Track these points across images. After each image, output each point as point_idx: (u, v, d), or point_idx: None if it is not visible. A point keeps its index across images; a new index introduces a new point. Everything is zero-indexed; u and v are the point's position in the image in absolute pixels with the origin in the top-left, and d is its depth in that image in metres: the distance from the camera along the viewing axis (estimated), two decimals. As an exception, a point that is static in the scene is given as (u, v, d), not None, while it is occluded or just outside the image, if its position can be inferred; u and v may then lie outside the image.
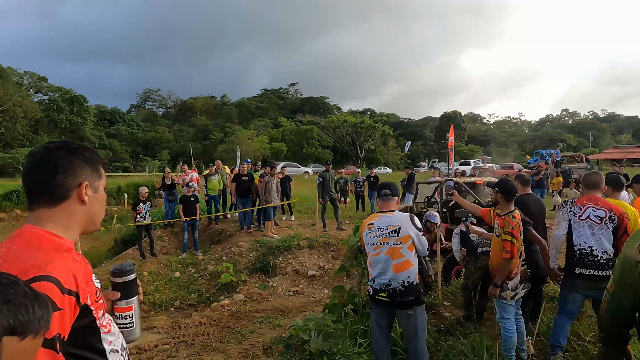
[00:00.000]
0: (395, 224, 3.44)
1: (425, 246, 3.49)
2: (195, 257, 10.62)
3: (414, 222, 3.47)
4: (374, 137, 40.55)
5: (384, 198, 3.62)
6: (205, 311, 8.25)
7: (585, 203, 3.90)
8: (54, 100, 53.52)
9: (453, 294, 6.31)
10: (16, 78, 52.50)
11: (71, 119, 54.35)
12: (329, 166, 11.14)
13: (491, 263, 4.17)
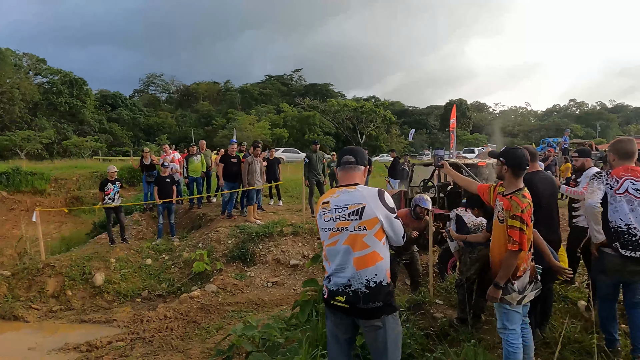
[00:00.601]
0: (358, 203, 2.48)
1: (399, 233, 2.54)
2: (170, 243, 9.77)
3: (383, 200, 2.51)
4: (375, 123, 39.19)
5: (345, 167, 2.65)
6: (173, 303, 7.44)
7: (622, 175, 3.16)
8: (53, 83, 52.67)
9: (447, 291, 5.42)
10: (15, 60, 51.66)
11: (70, 102, 53.50)
12: (316, 146, 10.20)
13: (492, 256, 3.22)
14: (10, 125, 48.51)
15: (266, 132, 45.61)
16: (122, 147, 55.15)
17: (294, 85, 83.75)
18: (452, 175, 3.58)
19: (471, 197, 4.18)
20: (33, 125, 48.86)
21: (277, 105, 61.46)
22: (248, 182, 9.64)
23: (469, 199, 4.30)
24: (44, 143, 43.64)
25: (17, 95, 47.53)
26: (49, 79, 54.88)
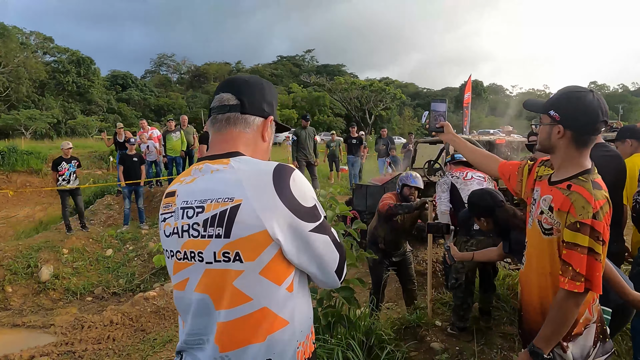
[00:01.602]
0: (225, 197, 1.09)
1: (329, 264, 1.15)
2: (138, 231, 8.57)
3: (285, 190, 1.08)
4: (384, 102, 37.23)
5: (217, 117, 1.26)
6: (124, 305, 6.22)
7: None
8: (61, 62, 51.84)
9: (451, 307, 4.11)
10: (22, 38, 50.84)
11: (78, 82, 52.76)
12: (306, 122, 8.79)
13: (526, 295, 1.76)
14: (17, 104, 47.92)
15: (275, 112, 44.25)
16: (130, 127, 54.41)
17: (305, 66, 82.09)
18: (456, 144, 2.18)
19: (477, 199, 2.84)
20: (40, 105, 48.28)
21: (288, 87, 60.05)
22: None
23: (472, 203, 2.88)
24: (51, 123, 43.08)
25: (24, 74, 46.83)
26: (57, 57, 54.07)
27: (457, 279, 3.68)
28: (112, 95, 59.25)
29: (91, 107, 53.27)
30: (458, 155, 4.35)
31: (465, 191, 3.87)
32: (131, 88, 64.80)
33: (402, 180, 4.53)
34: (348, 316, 3.48)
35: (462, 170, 4.18)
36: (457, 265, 3.67)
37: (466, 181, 4.05)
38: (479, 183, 3.98)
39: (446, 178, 4.27)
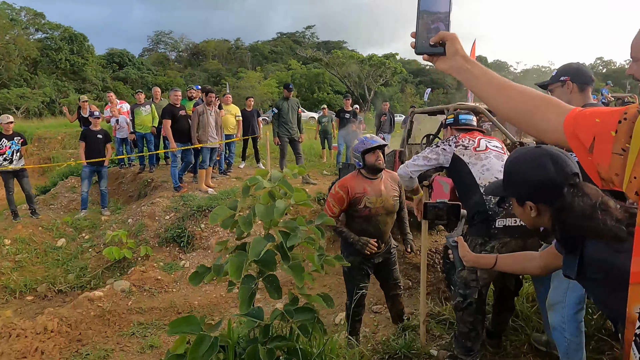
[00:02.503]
0: None
1: None
2: (98, 217, 7.56)
3: None
4: (384, 77, 35.60)
5: None
6: (65, 307, 5.24)
7: None
8: (52, 39, 50.43)
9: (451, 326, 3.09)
10: (12, 14, 49.34)
11: (71, 59, 51.45)
12: (289, 92, 7.65)
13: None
14: (8, 82, 46.73)
15: (273, 91, 43.02)
16: (125, 106, 53.25)
17: (306, 43, 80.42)
18: (471, 78, 1.06)
19: (527, 166, 1.40)
20: (32, 83, 47.18)
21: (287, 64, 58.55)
22: (198, 139, 7.26)
23: (513, 174, 1.46)
24: (43, 101, 42.12)
25: (14, 51, 45.51)
26: (49, 34, 52.62)
27: (465, 297, 2.64)
28: (109, 74, 58.03)
29: (85, 85, 52.07)
30: (465, 116, 3.07)
31: (479, 167, 2.67)
32: (128, 66, 63.53)
33: (359, 148, 3.28)
34: (306, 350, 2.49)
35: (471, 136, 2.90)
36: (467, 276, 2.63)
37: (479, 153, 2.76)
38: (498, 156, 2.78)
39: (446, 146, 2.87)
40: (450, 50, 1.10)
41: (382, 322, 4.58)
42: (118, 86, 56.57)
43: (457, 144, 2.84)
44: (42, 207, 8.21)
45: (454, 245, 2.02)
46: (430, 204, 2.11)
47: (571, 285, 2.42)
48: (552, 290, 2.52)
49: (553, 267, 1.61)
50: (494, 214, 2.55)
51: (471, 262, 1.94)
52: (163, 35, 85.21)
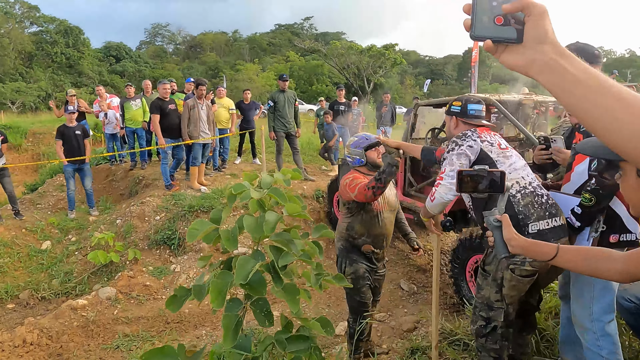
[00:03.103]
0: None
1: None
2: (86, 217, 7.21)
3: None
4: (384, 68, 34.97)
5: None
6: (46, 317, 4.89)
7: None
8: (47, 32, 49.85)
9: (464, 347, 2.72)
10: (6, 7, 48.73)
11: (67, 53, 50.92)
12: (284, 83, 7.26)
13: None
14: (4, 77, 46.22)
15: (271, 83, 42.54)
16: (123, 100, 52.77)
17: (304, 34, 79.85)
18: (572, 73, 0.65)
19: None
20: (28, 77, 46.72)
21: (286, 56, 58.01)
22: (189, 134, 6.89)
23: None
24: (40, 96, 41.75)
25: (9, 45, 44.97)
26: (44, 27, 52.00)
27: (488, 321, 2.27)
28: (105, 68, 57.52)
29: (82, 79, 51.58)
30: (475, 106, 2.59)
31: (507, 167, 2.30)
32: (125, 60, 63.08)
33: (360, 144, 3.06)
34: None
35: (488, 132, 2.50)
36: (490, 296, 2.27)
37: (504, 151, 2.41)
38: (519, 155, 2.46)
39: (470, 141, 2.40)
40: (532, 34, 0.68)
41: (385, 332, 4.25)
42: (115, 80, 56.12)
43: (482, 139, 2.42)
44: (28, 207, 7.86)
45: (497, 225, 1.52)
46: (467, 171, 1.59)
47: (595, 294, 2.09)
48: (574, 301, 2.18)
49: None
50: (525, 217, 2.20)
51: (520, 249, 1.46)
52: (160, 27, 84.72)
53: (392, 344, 4.01)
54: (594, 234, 2.13)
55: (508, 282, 2.21)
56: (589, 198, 2.08)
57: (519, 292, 2.24)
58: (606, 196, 2.07)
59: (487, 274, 2.32)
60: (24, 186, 10.48)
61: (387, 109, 10.67)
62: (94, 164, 9.80)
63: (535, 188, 2.29)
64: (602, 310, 2.10)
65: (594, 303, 2.11)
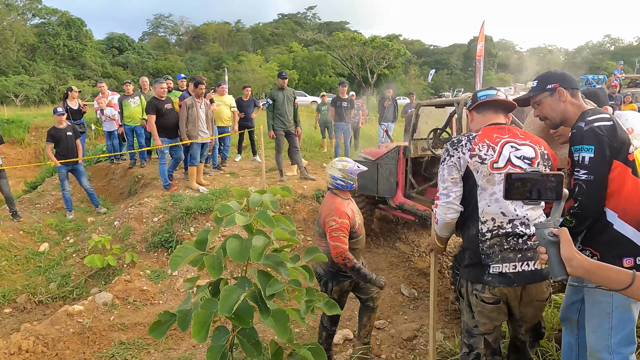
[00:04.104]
0: None
1: None
2: (84, 218, 7.14)
3: None
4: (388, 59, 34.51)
5: None
6: (42, 324, 4.84)
7: None
8: (49, 24, 49.63)
9: None
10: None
11: (69, 45, 50.73)
12: (283, 80, 7.12)
13: None
14: (7, 70, 46.15)
15: (274, 74, 42.22)
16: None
17: (307, 24, 79.27)
18: None
19: None
20: (31, 70, 46.61)
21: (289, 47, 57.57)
22: (187, 134, 6.78)
23: None
24: (44, 89, 41.68)
25: (11, 38, 44.81)
26: (46, 19, 51.77)
27: (470, 348, 2.21)
28: (108, 59, 57.31)
29: (85, 71, 51.44)
30: (486, 91, 2.34)
31: (487, 195, 2.14)
32: (128, 51, 62.83)
33: (355, 171, 3.19)
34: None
35: (492, 140, 2.17)
36: (468, 321, 2.20)
37: (494, 173, 2.13)
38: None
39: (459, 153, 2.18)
40: None
41: (385, 341, 4.16)
42: (118, 72, 56.02)
43: (473, 152, 2.15)
44: (27, 207, 7.81)
45: (553, 240, 1.26)
46: (516, 174, 1.38)
47: (614, 324, 1.97)
48: (591, 334, 2.06)
49: None
50: (486, 257, 2.09)
51: (582, 271, 1.19)
52: (163, 18, 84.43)
53: (392, 353, 3.92)
54: None
55: (475, 307, 2.16)
56: (570, 221, 1.99)
57: (491, 321, 2.16)
58: (586, 218, 1.99)
59: (462, 297, 2.25)
60: (24, 184, 10.44)
61: (390, 104, 10.51)
62: (93, 161, 9.73)
63: (516, 227, 2.08)
64: (622, 341, 1.98)
65: (612, 334, 1.99)
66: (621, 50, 76.16)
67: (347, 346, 4.10)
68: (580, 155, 1.98)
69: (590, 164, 1.95)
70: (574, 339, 2.36)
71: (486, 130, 2.23)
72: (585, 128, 2.01)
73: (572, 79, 2.20)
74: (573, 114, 2.15)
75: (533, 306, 2.19)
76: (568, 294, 2.36)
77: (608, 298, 1.99)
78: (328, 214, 3.00)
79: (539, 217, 2.13)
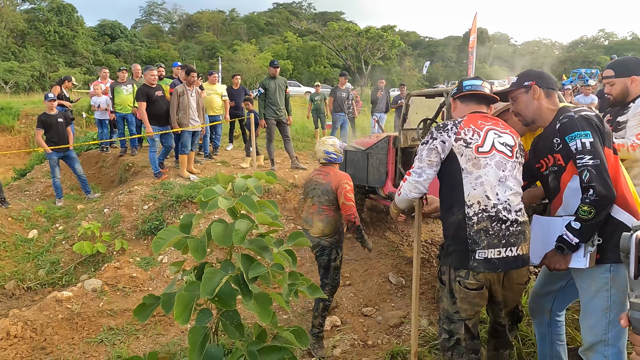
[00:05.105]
0: None
1: None
2: (74, 206, 7.12)
3: None
4: (382, 50, 34.42)
5: None
6: (30, 309, 4.85)
7: None
8: (40, 10, 48.88)
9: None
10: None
11: (60, 31, 50.03)
12: (275, 69, 7.10)
13: None
14: (-4, 56, 45.50)
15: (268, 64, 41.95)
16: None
17: (303, 13, 78.71)
18: None
19: None
20: (21, 56, 45.95)
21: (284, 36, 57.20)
22: (178, 122, 6.76)
23: None
24: (34, 76, 41.15)
25: (0, 23, 44.15)
26: (36, 5, 50.99)
27: (450, 334, 2.25)
28: (100, 47, 56.64)
29: (76, 58, 50.82)
30: (471, 81, 2.38)
31: (472, 179, 2.14)
32: (120, 39, 62.12)
33: (343, 147, 3.74)
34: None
35: (477, 126, 2.21)
36: (449, 307, 2.24)
37: (479, 157, 2.17)
38: (499, 164, 2.16)
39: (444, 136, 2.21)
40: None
41: (372, 327, 4.21)
42: (110, 59, 55.37)
43: (458, 136, 2.17)
44: (16, 194, 7.77)
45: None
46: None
47: (612, 318, 2.00)
48: (587, 330, 2.08)
49: None
50: (473, 242, 2.11)
51: None
52: (156, 5, 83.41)
53: (378, 339, 3.98)
54: (590, 249, 1.99)
55: (458, 294, 2.18)
56: (588, 210, 1.92)
57: (472, 306, 2.19)
58: (606, 206, 1.94)
59: (443, 284, 2.28)
60: (13, 171, 10.37)
61: (382, 94, 10.51)
62: (84, 149, 9.67)
63: (499, 211, 2.10)
64: (617, 334, 2.01)
65: (609, 329, 2.01)
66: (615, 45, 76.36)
67: (335, 332, 4.15)
68: (579, 142, 1.96)
69: (592, 147, 1.92)
70: (545, 327, 2.39)
71: (471, 116, 2.28)
72: (575, 116, 2.02)
73: (549, 78, 2.24)
74: (545, 114, 2.20)
75: (513, 290, 2.23)
76: (542, 285, 2.39)
77: (606, 293, 2.00)
78: (341, 179, 3.44)
79: (519, 204, 2.16)
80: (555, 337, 2.38)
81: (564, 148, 2.03)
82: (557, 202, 2.17)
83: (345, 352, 3.78)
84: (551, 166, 2.15)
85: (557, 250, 2.07)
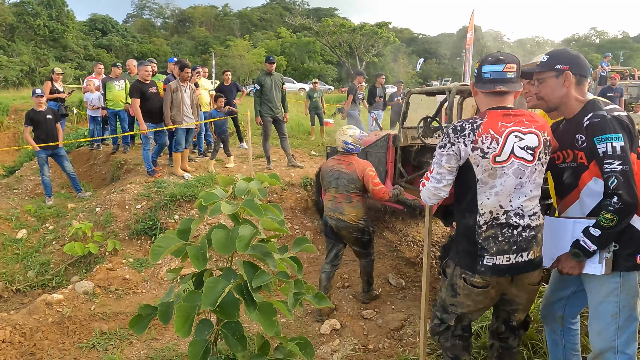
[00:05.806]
0: None
1: None
2: (65, 205, 6.94)
3: None
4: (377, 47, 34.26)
5: None
6: (19, 313, 4.69)
7: None
8: (29, 3, 48.15)
9: None
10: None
11: (50, 26, 49.33)
12: (271, 65, 6.96)
13: None
14: (-16, 50, 44.80)
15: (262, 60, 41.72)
16: (110, 76, 51.47)
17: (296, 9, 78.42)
18: None
19: None
20: (10, 51, 45.27)
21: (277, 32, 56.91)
22: (172, 119, 6.60)
23: None
24: (23, 70, 40.59)
25: (-11, 17, 43.51)
26: (25, -3, 50.21)
27: (442, 321, 2.29)
28: (91, 41, 55.96)
29: (66, 53, 50.18)
30: (491, 67, 2.04)
31: (487, 189, 2.04)
32: (112, 33, 61.44)
33: (362, 137, 4.07)
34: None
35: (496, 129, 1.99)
36: (447, 299, 2.24)
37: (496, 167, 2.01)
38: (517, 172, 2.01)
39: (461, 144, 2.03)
40: None
41: (372, 331, 4.11)
42: (101, 54, 54.77)
43: (475, 145, 1.99)
44: (4, 192, 7.57)
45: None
46: None
47: (621, 324, 1.92)
48: (596, 336, 1.99)
49: None
50: (482, 249, 2.03)
51: None
52: (148, 0, 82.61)
53: (379, 343, 3.88)
54: (606, 255, 1.90)
55: (461, 289, 2.14)
56: (611, 218, 1.82)
57: (475, 303, 2.14)
58: (629, 213, 1.83)
59: (445, 277, 2.25)
60: (2, 168, 10.15)
61: (379, 93, 10.39)
62: (74, 146, 9.47)
63: (510, 217, 2.01)
64: (627, 341, 1.94)
65: (618, 335, 1.93)
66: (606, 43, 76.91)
67: (334, 336, 4.04)
68: (609, 145, 1.83)
69: (623, 152, 1.81)
70: (558, 335, 2.31)
71: (491, 116, 2.03)
72: (608, 116, 1.89)
73: (585, 65, 2.03)
74: (572, 104, 2.04)
75: (525, 290, 2.15)
76: (553, 291, 2.30)
77: (615, 298, 1.93)
78: (364, 167, 3.87)
79: (534, 208, 2.06)
80: (570, 346, 2.29)
81: (590, 147, 1.91)
82: (570, 198, 2.07)
83: (346, 357, 3.68)
84: (570, 162, 2.04)
85: (572, 256, 1.98)
